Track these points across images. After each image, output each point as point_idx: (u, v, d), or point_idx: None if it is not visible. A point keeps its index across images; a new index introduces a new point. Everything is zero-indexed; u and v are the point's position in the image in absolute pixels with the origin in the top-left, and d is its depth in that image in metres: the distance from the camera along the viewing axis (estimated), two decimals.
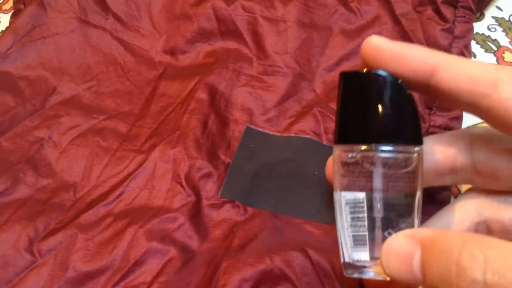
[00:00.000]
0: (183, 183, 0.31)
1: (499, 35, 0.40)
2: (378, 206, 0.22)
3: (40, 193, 0.31)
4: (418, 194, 0.22)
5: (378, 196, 0.22)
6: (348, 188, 0.22)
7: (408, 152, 0.22)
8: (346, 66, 0.37)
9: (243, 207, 0.30)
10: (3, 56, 0.37)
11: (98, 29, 0.39)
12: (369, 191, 0.22)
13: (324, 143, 0.33)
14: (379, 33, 0.37)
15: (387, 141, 0.21)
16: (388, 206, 0.22)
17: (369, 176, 0.22)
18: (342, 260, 0.23)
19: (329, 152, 0.32)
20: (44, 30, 0.39)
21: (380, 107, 0.21)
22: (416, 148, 0.22)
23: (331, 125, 0.33)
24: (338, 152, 0.23)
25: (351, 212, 0.22)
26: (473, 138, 0.24)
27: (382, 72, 0.21)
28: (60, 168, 0.33)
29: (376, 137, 0.22)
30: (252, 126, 0.34)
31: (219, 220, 0.30)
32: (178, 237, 0.29)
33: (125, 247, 0.28)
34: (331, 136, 0.33)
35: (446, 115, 0.33)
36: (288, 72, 0.36)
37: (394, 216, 0.22)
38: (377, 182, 0.22)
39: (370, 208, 0.22)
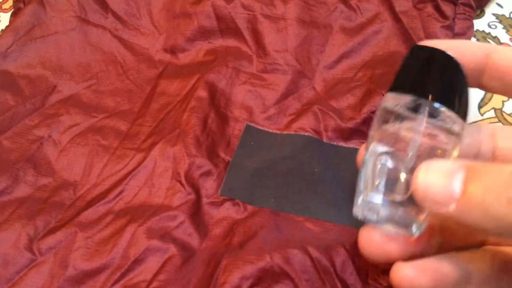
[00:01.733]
0: (183, 181, 0.31)
1: (500, 32, 0.40)
2: (405, 160, 0.22)
3: (40, 192, 0.31)
4: None
5: (409, 151, 0.22)
6: (382, 140, 0.22)
7: (451, 121, 0.22)
8: (346, 64, 0.36)
9: (243, 205, 0.30)
10: (3, 55, 0.37)
11: (98, 28, 0.39)
12: (402, 146, 0.22)
13: (324, 140, 0.33)
14: (379, 31, 0.37)
15: (438, 101, 0.22)
16: (416, 164, 0.21)
17: (408, 132, 0.22)
18: (355, 203, 0.23)
19: (329, 150, 0.33)
20: (44, 29, 0.39)
21: (440, 75, 0.22)
22: (459, 120, 0.22)
23: (331, 122, 0.33)
24: (387, 100, 0.23)
25: (377, 161, 0.22)
26: (496, 128, 0.25)
27: (445, 51, 0.22)
28: (60, 167, 0.33)
29: (428, 93, 0.22)
30: (252, 124, 0.34)
31: (219, 218, 0.30)
32: (178, 235, 0.29)
33: (125, 245, 0.28)
34: (330, 133, 0.33)
35: None
36: (288, 70, 0.36)
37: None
38: (415, 139, 0.22)
39: (397, 162, 0.22)
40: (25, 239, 0.29)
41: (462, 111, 0.22)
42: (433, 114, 0.22)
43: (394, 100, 0.23)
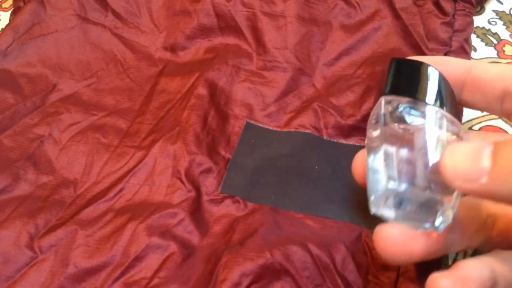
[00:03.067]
0: (183, 178, 0.31)
1: (500, 29, 0.40)
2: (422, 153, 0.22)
3: (40, 190, 0.31)
4: None
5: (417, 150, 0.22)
6: (388, 140, 0.22)
7: (451, 125, 0.22)
8: (346, 61, 0.36)
9: (243, 202, 0.30)
10: (3, 53, 0.37)
11: (98, 26, 0.39)
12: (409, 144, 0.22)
13: (324, 138, 0.33)
14: (379, 27, 0.37)
15: (438, 106, 0.22)
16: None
17: (413, 132, 0.22)
18: (369, 201, 0.23)
19: (329, 147, 0.33)
20: (44, 27, 0.39)
21: (429, 81, 0.23)
22: (458, 125, 0.23)
23: (331, 120, 0.33)
24: (384, 103, 0.23)
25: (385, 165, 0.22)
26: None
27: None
28: (60, 165, 0.33)
29: (425, 96, 0.22)
30: (252, 122, 0.34)
31: (219, 215, 0.30)
32: (178, 233, 0.29)
33: (125, 243, 0.28)
34: (331, 130, 0.33)
35: None
36: (288, 67, 0.36)
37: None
38: (424, 134, 0.22)
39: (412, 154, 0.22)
40: (26, 237, 0.29)
41: (459, 119, 0.23)
42: (442, 114, 0.22)
43: (389, 101, 0.23)
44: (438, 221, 0.21)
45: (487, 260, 0.22)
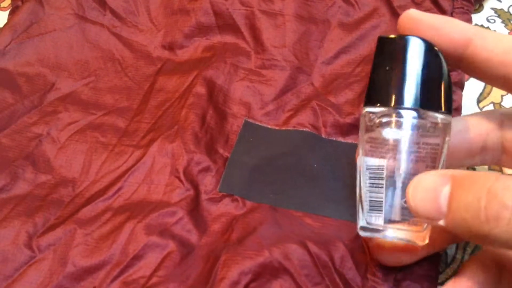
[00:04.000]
0: (182, 177, 0.31)
1: (498, 27, 0.40)
2: (397, 172, 0.22)
3: (39, 189, 0.31)
4: (440, 166, 0.22)
5: (397, 161, 0.21)
6: (370, 153, 0.22)
7: (432, 119, 0.21)
8: (345, 59, 0.36)
9: (242, 200, 0.30)
10: (1, 53, 0.37)
11: (96, 25, 0.39)
12: (390, 156, 0.22)
13: (323, 136, 0.33)
14: (377, 25, 0.37)
15: (411, 106, 0.21)
16: (407, 174, 0.22)
17: (390, 141, 0.22)
18: (358, 222, 0.23)
19: (327, 145, 0.33)
20: (42, 26, 0.39)
21: (408, 71, 0.21)
22: (442, 117, 0.21)
23: (330, 118, 0.33)
24: (364, 115, 0.22)
25: (370, 178, 0.22)
26: (503, 117, 0.24)
27: (415, 37, 0.21)
28: (59, 164, 0.33)
29: (401, 101, 0.21)
30: (251, 120, 0.34)
31: (218, 214, 0.30)
32: (177, 231, 0.29)
33: (124, 242, 0.28)
34: (329, 129, 0.33)
35: None
36: (286, 66, 0.36)
37: None
38: (400, 149, 0.21)
39: (390, 174, 0.22)
40: (24, 236, 0.29)
41: (442, 103, 0.22)
42: (416, 116, 0.21)
43: (370, 113, 0.22)
44: (417, 238, 0.22)
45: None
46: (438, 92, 0.22)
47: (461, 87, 0.33)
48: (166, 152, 0.32)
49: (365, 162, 0.22)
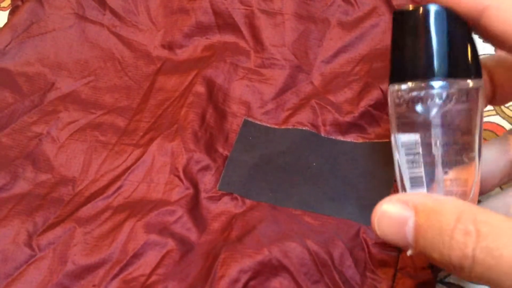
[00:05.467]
0: (181, 176, 0.31)
1: None
2: (434, 145, 0.21)
3: (39, 188, 0.32)
4: (477, 131, 0.21)
5: (433, 134, 0.21)
6: (403, 130, 0.22)
7: (463, 87, 0.21)
8: (344, 58, 0.36)
9: (241, 199, 0.30)
10: (2, 52, 0.37)
11: (96, 25, 0.39)
12: (424, 130, 0.21)
13: (322, 135, 0.33)
14: (376, 24, 0.37)
15: (440, 76, 0.20)
16: (444, 145, 0.21)
17: (423, 115, 0.21)
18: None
19: (327, 144, 0.33)
20: (42, 26, 0.39)
21: (431, 41, 0.20)
22: (472, 82, 0.21)
23: (329, 116, 0.33)
24: (391, 93, 0.22)
25: (407, 154, 0.22)
26: None
27: (432, 4, 0.21)
28: (59, 163, 0.33)
29: (429, 73, 0.20)
30: (250, 119, 0.34)
31: (218, 212, 0.30)
32: (176, 230, 0.29)
33: (124, 240, 0.29)
34: (328, 127, 0.33)
35: None
36: (286, 65, 0.36)
37: (452, 155, 0.21)
38: (432, 120, 0.21)
39: (427, 148, 0.21)
40: (24, 235, 0.29)
41: (470, 68, 0.21)
42: (446, 86, 0.21)
43: (397, 91, 0.22)
44: None
45: None
46: (465, 58, 0.21)
47: None
48: (165, 151, 0.32)
49: (399, 139, 0.22)
